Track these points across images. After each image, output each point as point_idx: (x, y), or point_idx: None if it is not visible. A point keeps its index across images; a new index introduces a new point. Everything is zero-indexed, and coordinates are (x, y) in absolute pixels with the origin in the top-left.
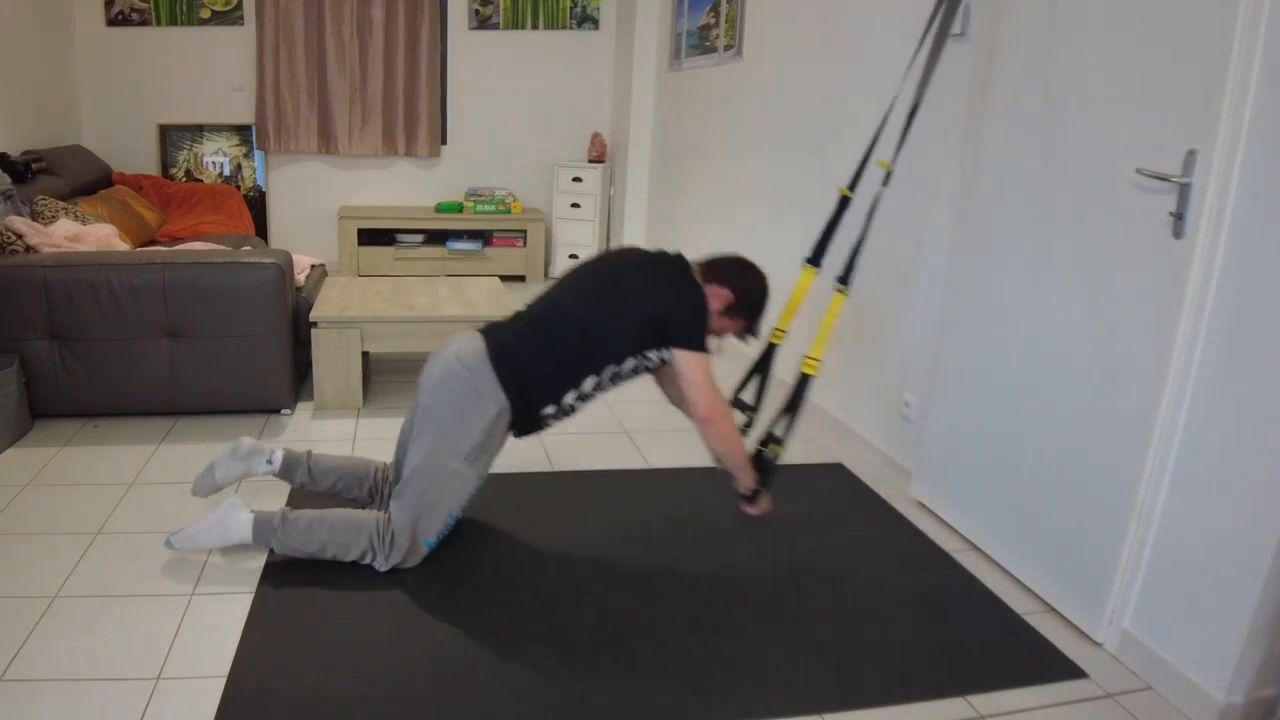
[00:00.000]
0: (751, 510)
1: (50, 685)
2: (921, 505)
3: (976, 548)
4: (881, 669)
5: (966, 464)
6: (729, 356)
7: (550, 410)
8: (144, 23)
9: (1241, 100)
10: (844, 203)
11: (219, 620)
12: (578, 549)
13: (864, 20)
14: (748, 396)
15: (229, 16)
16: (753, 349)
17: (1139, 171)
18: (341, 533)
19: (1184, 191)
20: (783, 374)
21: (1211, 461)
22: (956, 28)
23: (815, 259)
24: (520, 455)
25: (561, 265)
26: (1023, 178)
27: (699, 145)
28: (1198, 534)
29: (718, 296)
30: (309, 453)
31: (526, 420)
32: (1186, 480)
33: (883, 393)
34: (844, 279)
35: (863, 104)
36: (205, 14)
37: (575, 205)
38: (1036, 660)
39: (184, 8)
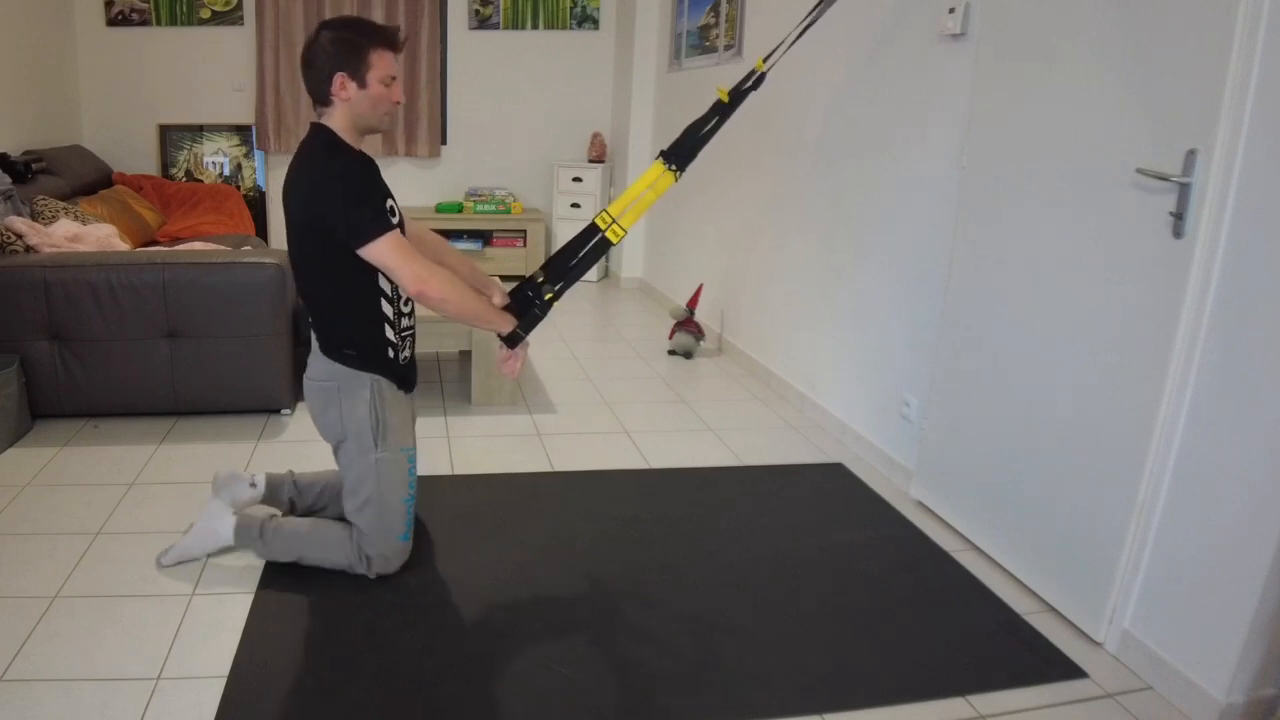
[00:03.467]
0: (507, 364)
1: (50, 685)
2: (921, 505)
3: (976, 548)
4: (881, 669)
5: (966, 464)
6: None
7: (395, 353)
8: (144, 23)
9: (1241, 100)
10: (719, 107)
11: (219, 620)
12: (578, 549)
13: (863, 19)
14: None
15: (229, 16)
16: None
17: (1139, 171)
18: (318, 548)
19: (1184, 191)
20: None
21: (1211, 462)
22: (956, 28)
23: (673, 156)
24: (520, 455)
25: None
26: (1022, 176)
27: None
28: (1198, 534)
29: (341, 99)
30: (291, 471)
31: (397, 374)
32: (1186, 480)
33: (883, 393)
34: (680, 162)
35: (863, 101)
36: (205, 14)
37: (575, 205)
38: (1036, 660)
39: (184, 8)
